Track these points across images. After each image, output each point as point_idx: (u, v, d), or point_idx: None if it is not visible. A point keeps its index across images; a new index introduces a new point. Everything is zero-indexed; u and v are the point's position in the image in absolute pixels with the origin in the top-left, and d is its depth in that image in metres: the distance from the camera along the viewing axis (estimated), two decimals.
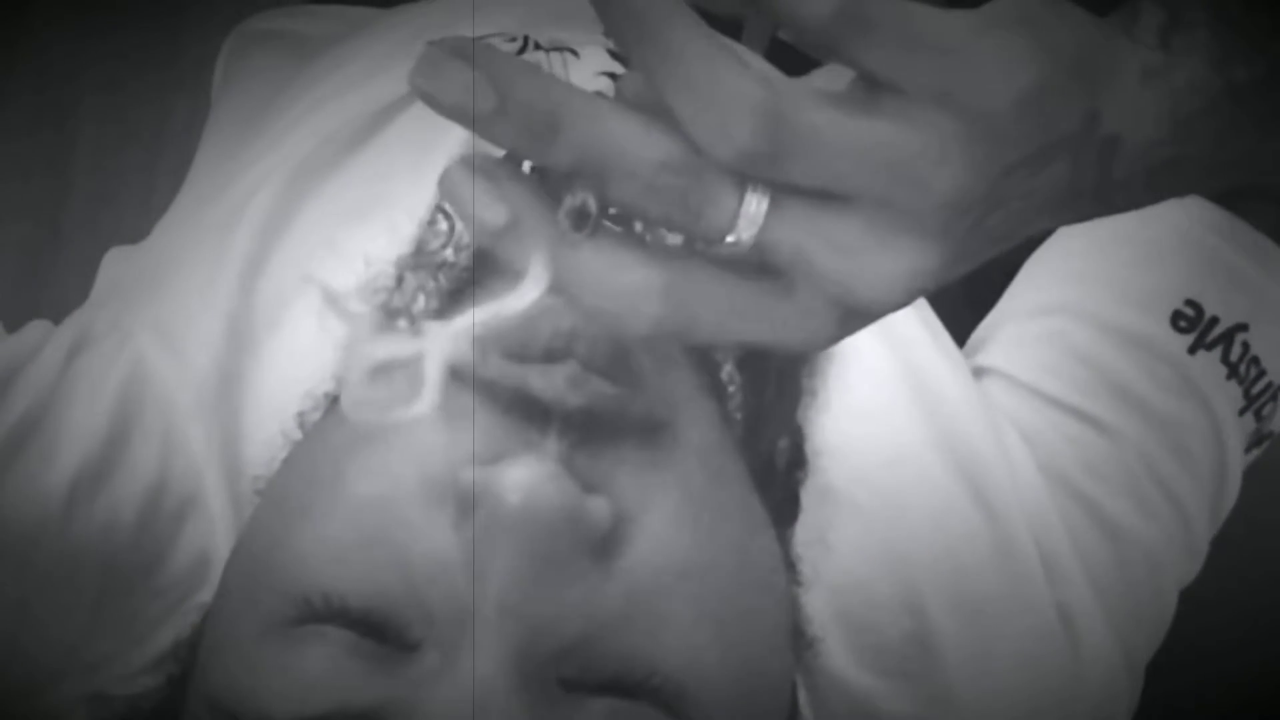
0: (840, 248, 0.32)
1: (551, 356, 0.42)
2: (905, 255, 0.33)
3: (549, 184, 0.33)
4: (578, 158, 0.31)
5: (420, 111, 0.66)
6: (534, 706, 0.39)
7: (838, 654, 0.56)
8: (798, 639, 0.55)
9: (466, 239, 0.59)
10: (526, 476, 0.39)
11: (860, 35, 0.31)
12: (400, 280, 0.56)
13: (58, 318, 0.60)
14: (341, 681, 0.39)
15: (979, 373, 0.61)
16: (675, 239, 0.34)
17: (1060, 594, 0.57)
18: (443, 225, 0.61)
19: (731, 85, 0.30)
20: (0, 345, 0.53)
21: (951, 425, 0.58)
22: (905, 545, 0.56)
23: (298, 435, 0.50)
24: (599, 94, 0.32)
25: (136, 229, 0.71)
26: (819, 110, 0.31)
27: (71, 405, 0.53)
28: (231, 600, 0.45)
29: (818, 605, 0.55)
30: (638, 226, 0.35)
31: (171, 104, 0.89)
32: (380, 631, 0.40)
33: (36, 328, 0.56)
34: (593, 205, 0.32)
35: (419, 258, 0.57)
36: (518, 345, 0.42)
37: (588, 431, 0.42)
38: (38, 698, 0.52)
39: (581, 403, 0.42)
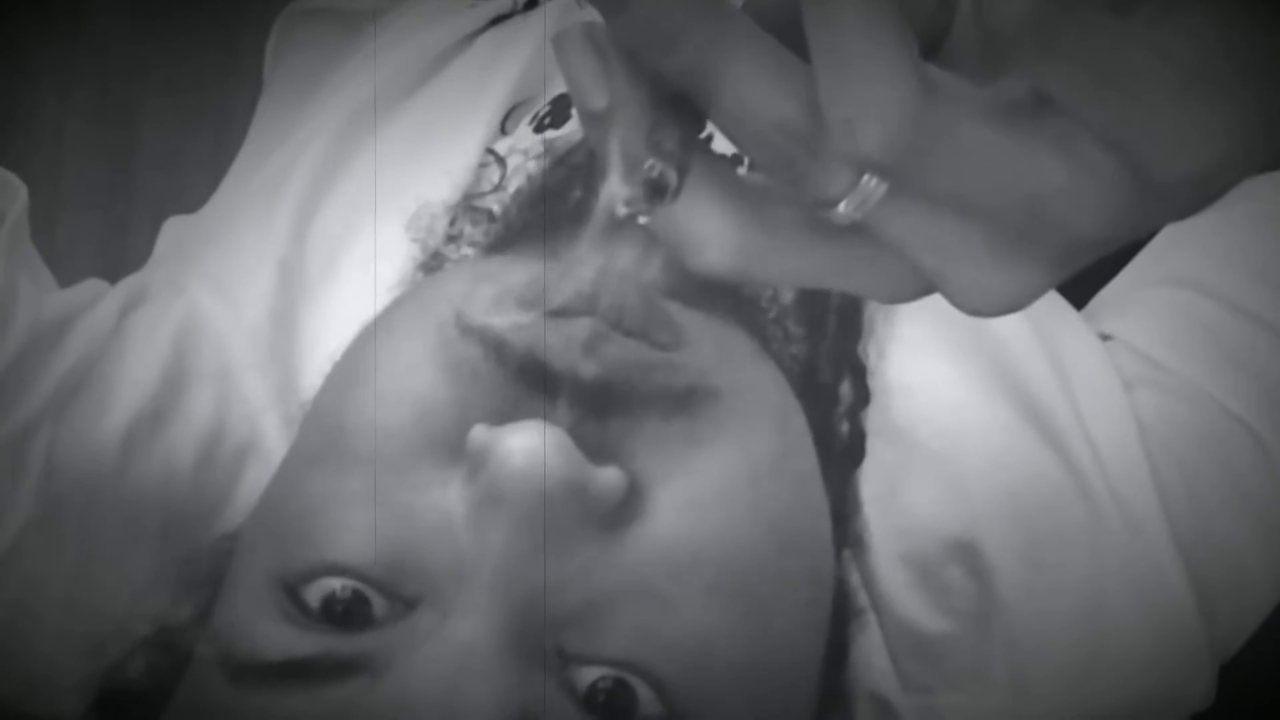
0: (948, 253, 0.30)
1: (571, 312, 0.41)
2: (1013, 278, 0.30)
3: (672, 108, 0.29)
4: (687, 83, 0.28)
5: (472, 57, 0.67)
6: (521, 673, 0.38)
7: (904, 597, 0.54)
8: (870, 589, 0.54)
9: (514, 185, 0.58)
10: (530, 441, 0.38)
11: (1045, 50, 0.27)
12: (452, 222, 0.56)
13: None
14: (334, 633, 0.39)
15: (1102, 339, 0.60)
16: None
17: (1139, 546, 0.55)
18: (494, 170, 0.61)
19: (884, 85, 0.26)
20: (55, 296, 0.54)
21: (1012, 365, 0.56)
22: (968, 484, 0.55)
23: None
24: (737, 17, 0.28)
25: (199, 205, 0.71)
26: (977, 127, 0.28)
27: (125, 355, 0.54)
28: (245, 542, 0.44)
29: (883, 548, 0.54)
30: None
31: (233, 87, 0.90)
32: (379, 586, 0.39)
33: (92, 284, 0.57)
34: (673, 179, 0.29)
35: (467, 200, 0.57)
36: (535, 296, 0.41)
37: (601, 401, 0.40)
38: (103, 651, 0.52)
39: (596, 372, 0.40)
